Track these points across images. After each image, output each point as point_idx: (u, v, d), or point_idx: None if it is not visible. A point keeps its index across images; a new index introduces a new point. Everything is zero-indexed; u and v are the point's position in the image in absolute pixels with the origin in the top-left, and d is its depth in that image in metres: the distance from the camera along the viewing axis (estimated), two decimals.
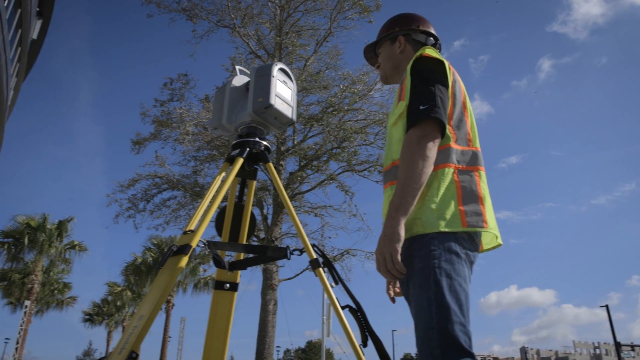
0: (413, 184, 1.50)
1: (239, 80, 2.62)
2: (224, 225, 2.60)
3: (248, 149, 2.43)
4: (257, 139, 2.47)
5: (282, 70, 2.54)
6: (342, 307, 2.09)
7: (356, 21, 13.55)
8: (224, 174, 2.36)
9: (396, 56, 1.95)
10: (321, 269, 2.17)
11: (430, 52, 1.74)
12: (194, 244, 1.94)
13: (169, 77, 12.90)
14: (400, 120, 1.69)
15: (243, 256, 2.60)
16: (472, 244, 1.58)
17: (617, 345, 26.80)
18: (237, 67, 2.72)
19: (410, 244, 1.55)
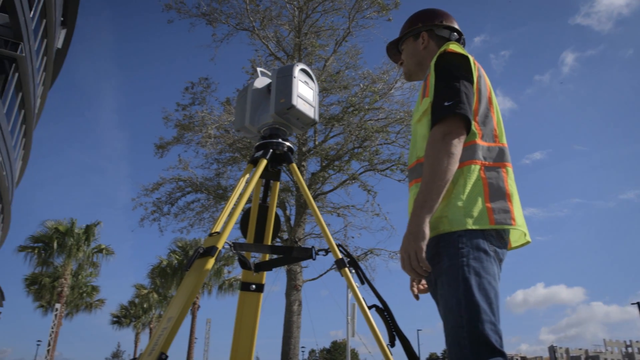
0: (438, 181, 1.47)
1: (261, 82, 2.62)
2: (248, 226, 2.62)
3: (271, 150, 2.43)
4: (280, 140, 2.47)
5: (303, 70, 2.54)
6: (369, 306, 2.07)
7: (375, 20, 13.46)
8: (247, 176, 2.37)
9: (419, 52, 1.92)
10: (347, 269, 2.16)
11: (454, 47, 1.71)
12: (220, 245, 1.95)
13: (190, 82, 13.11)
14: (425, 117, 1.67)
15: (268, 257, 2.61)
16: (501, 241, 1.55)
17: None
18: (259, 68, 2.72)
19: (437, 242, 1.53)
